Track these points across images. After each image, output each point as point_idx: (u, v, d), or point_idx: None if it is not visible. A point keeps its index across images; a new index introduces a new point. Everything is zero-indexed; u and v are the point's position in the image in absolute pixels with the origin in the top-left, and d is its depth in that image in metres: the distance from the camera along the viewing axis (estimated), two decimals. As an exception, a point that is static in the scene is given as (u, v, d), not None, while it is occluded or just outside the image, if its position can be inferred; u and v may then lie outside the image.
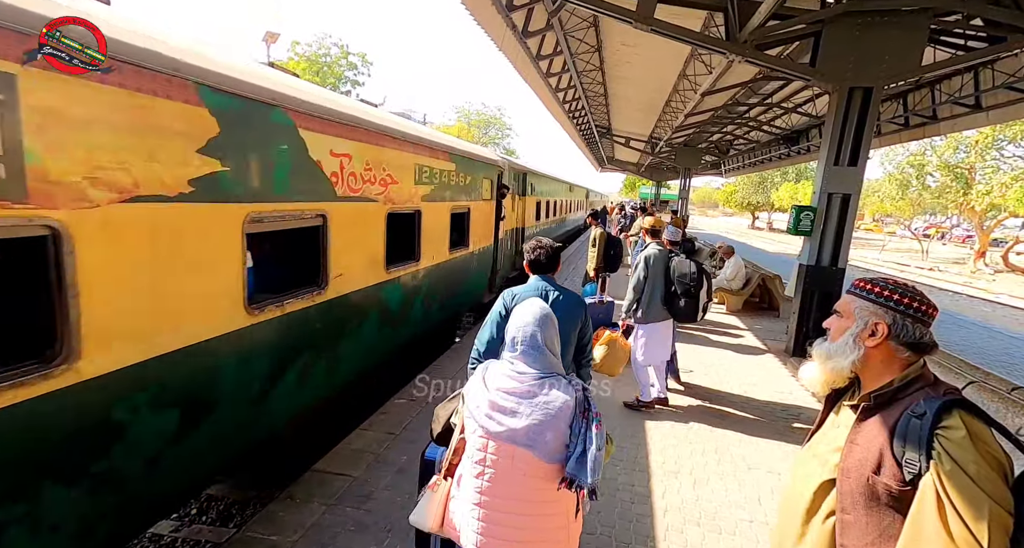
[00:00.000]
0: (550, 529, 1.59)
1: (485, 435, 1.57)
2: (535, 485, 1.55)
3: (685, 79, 11.28)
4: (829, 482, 1.28)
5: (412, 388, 5.00)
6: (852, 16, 5.73)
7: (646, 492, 3.48)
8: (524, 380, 1.58)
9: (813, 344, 1.41)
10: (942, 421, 1.10)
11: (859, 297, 1.32)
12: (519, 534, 1.55)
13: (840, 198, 6.31)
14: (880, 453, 1.16)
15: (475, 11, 6.57)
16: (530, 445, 1.51)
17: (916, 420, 1.13)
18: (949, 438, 1.07)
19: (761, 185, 50.47)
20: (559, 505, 1.58)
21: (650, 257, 4.55)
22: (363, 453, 3.69)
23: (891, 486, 1.13)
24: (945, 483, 1.04)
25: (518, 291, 2.56)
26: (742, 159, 22.47)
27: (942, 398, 1.14)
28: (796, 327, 6.68)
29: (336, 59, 30.92)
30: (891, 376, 1.25)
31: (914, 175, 28.75)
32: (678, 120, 13.79)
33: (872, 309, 1.28)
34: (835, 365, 1.30)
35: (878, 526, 1.15)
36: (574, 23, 9.27)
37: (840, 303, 1.38)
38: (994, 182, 24.83)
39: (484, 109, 48.39)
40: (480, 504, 1.57)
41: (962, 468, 1.04)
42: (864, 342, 1.27)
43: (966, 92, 9.58)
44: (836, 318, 1.37)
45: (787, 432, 4.50)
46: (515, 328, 1.68)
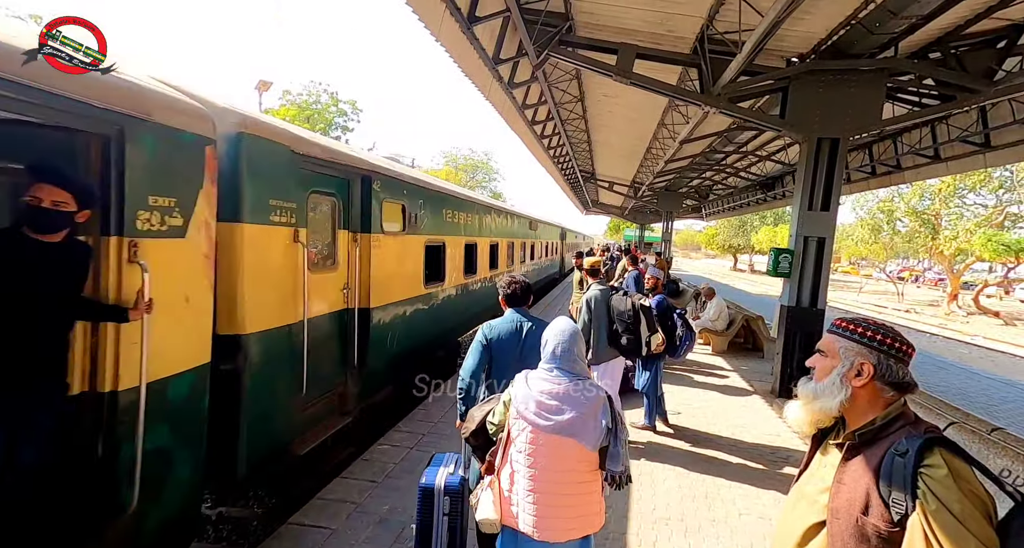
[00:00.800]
0: (590, 504, 1.96)
1: (535, 431, 1.90)
2: (579, 467, 1.92)
3: (664, 127, 11.85)
4: (819, 524, 1.27)
5: (395, 433, 4.86)
6: (815, 74, 6.18)
7: (637, 542, 3.36)
8: (562, 383, 1.95)
9: (798, 384, 1.42)
10: (924, 459, 1.11)
11: (842, 337, 1.33)
12: (569, 511, 1.91)
13: (816, 241, 6.55)
14: (867, 493, 1.17)
15: (462, 63, 6.93)
16: (574, 434, 1.88)
17: (899, 459, 1.14)
18: (932, 477, 1.09)
19: (741, 228, 52.07)
20: (596, 484, 1.97)
21: (591, 299, 4.62)
22: (343, 503, 3.52)
23: (880, 527, 1.13)
24: (932, 523, 1.05)
25: (495, 323, 2.84)
26: (721, 203, 23.28)
27: (923, 436, 1.16)
28: (781, 368, 6.72)
29: (326, 106, 31.84)
30: (874, 414, 1.27)
31: (885, 220, 30.08)
32: (659, 166, 14.36)
33: (856, 349, 1.29)
34: (823, 405, 1.31)
35: None
36: (558, 75, 9.79)
37: (823, 342, 1.39)
38: (959, 228, 26.07)
39: (472, 154, 49.81)
40: (533, 490, 1.90)
41: (947, 507, 1.05)
42: (851, 382, 1.28)
43: (925, 144, 10.23)
44: (820, 357, 1.38)
45: (777, 476, 4.44)
46: (553, 341, 2.02)
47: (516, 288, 2.87)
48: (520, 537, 1.93)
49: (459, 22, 5.70)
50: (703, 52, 6.39)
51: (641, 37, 6.78)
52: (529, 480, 1.90)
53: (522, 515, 1.91)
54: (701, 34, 6.29)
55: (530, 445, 1.91)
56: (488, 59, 6.77)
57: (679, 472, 4.39)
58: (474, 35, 6.08)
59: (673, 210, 22.62)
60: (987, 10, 5.14)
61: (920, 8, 4.75)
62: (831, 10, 5.23)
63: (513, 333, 2.81)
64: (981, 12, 5.21)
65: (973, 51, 5.88)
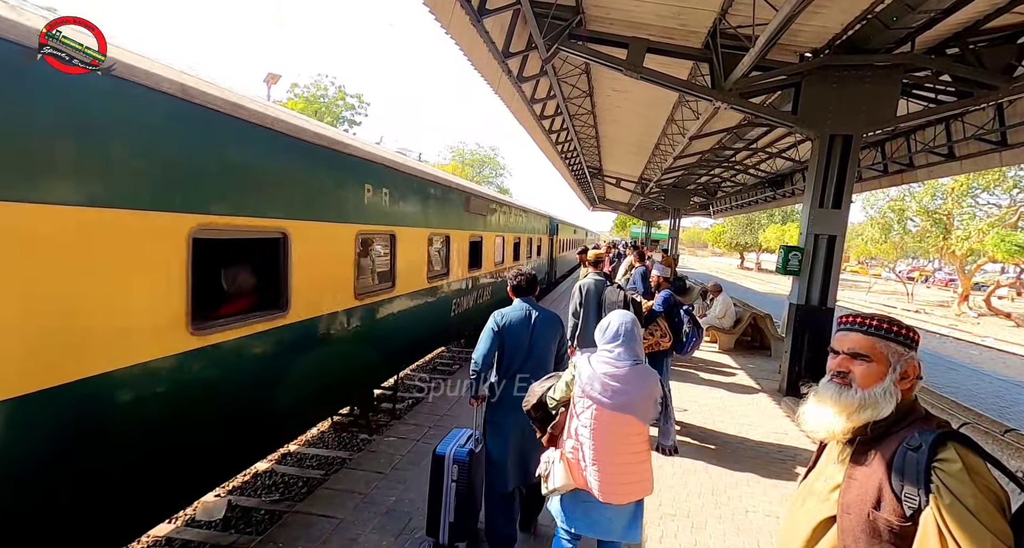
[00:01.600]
0: (644, 471, 2.22)
1: (599, 408, 2.15)
2: (636, 440, 2.20)
3: (673, 123, 11.74)
4: (829, 519, 1.25)
5: (400, 425, 4.88)
6: (829, 70, 6.09)
7: (645, 537, 3.36)
8: (622, 367, 2.18)
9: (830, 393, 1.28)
10: (938, 454, 1.10)
11: (888, 340, 1.25)
12: (627, 477, 2.17)
13: (826, 239, 6.48)
14: (879, 488, 1.15)
15: (472, 56, 6.89)
16: (633, 411, 2.16)
17: (912, 453, 1.12)
18: (946, 471, 1.07)
19: (749, 226, 51.66)
20: (648, 453, 2.23)
21: (584, 287, 4.76)
22: (350, 493, 3.55)
23: (892, 522, 1.11)
24: (946, 517, 1.03)
25: (506, 311, 3.02)
26: (730, 201, 23.10)
27: (936, 431, 1.14)
28: (789, 366, 6.67)
29: (333, 100, 31.87)
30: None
31: (895, 219, 29.72)
32: (667, 162, 14.25)
33: (900, 351, 1.24)
34: (872, 414, 1.21)
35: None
36: (567, 70, 9.72)
37: (864, 345, 1.27)
38: (971, 228, 25.71)
39: (479, 149, 49.71)
40: (596, 460, 2.14)
41: (961, 502, 1.03)
42: (898, 386, 1.23)
43: (939, 142, 10.06)
44: (862, 363, 1.26)
45: (783, 474, 4.42)
46: (616, 323, 2.27)
47: (522, 280, 3.14)
48: (585, 498, 2.19)
49: (469, 14, 5.67)
50: (715, 47, 6.31)
51: (652, 31, 6.71)
52: (592, 451, 2.15)
53: (589, 480, 2.17)
54: (713, 28, 6.21)
55: (594, 420, 2.16)
56: (498, 52, 6.73)
57: (685, 468, 4.38)
58: (484, 28, 6.04)
59: (680, 207, 22.47)
60: (1009, 3, 5.03)
61: (940, 2, 4.66)
62: (847, 4, 5.14)
63: (523, 320, 2.98)
64: (1002, 6, 5.10)
65: (992, 46, 5.76)
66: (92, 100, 2.11)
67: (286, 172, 3.38)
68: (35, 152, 1.94)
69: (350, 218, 4.20)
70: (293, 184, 3.45)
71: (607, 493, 2.13)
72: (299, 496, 4.52)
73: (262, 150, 3.14)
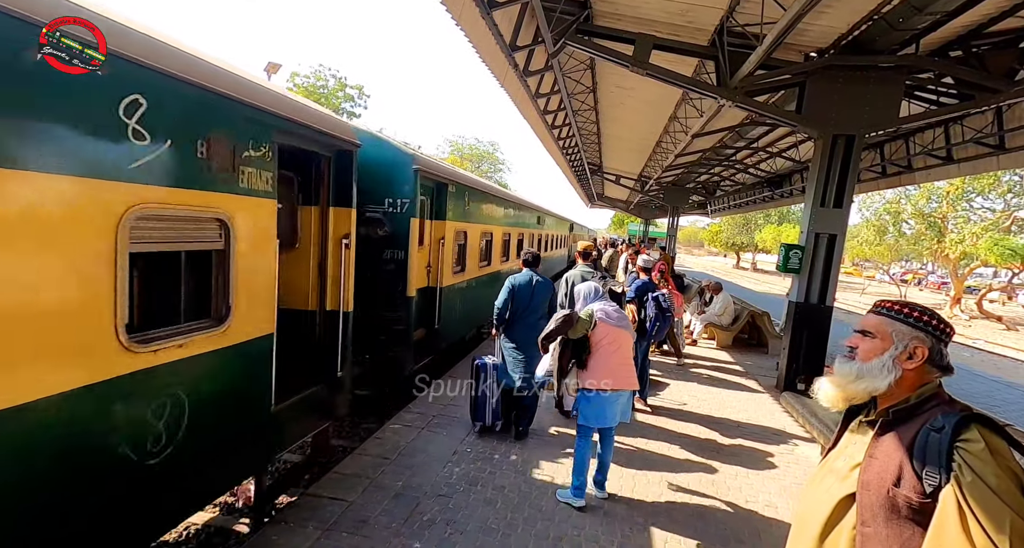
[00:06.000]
0: (633, 370, 3.61)
1: (609, 327, 3.51)
2: (628, 347, 3.64)
3: (676, 121, 11.79)
4: (848, 497, 1.28)
5: (405, 413, 4.92)
6: (834, 69, 6.14)
7: (645, 523, 3.42)
8: (612, 306, 3.70)
9: (836, 362, 1.41)
10: (961, 434, 1.12)
11: (895, 320, 1.33)
12: (628, 370, 3.54)
13: (826, 238, 6.55)
14: (900, 466, 1.18)
15: (480, 48, 6.89)
16: (627, 328, 3.67)
17: (935, 434, 1.15)
18: (969, 451, 1.10)
19: (745, 226, 51.85)
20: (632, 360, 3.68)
21: (571, 278, 4.99)
22: (357, 478, 3.59)
23: (912, 498, 1.14)
24: (967, 495, 1.06)
25: (517, 276, 4.57)
26: (728, 200, 23.19)
27: (959, 413, 1.18)
28: (787, 363, 6.76)
29: (333, 91, 31.69)
30: (908, 394, 1.28)
31: (890, 222, 29.93)
32: (668, 160, 14.30)
33: (912, 333, 1.30)
34: (869, 385, 1.31)
35: (899, 538, 1.16)
36: (572, 65, 9.72)
37: (871, 324, 1.37)
38: (966, 231, 25.94)
39: (477, 144, 49.56)
40: (612, 361, 3.47)
41: (983, 480, 1.05)
42: (901, 364, 1.29)
43: (938, 145, 10.16)
44: (866, 338, 1.36)
45: (781, 467, 4.50)
46: (592, 288, 3.75)
47: (529, 256, 4.70)
48: (600, 393, 3.43)
49: (479, 6, 5.67)
50: (721, 45, 6.35)
51: (659, 28, 6.73)
52: (612, 355, 3.47)
53: (603, 380, 3.42)
54: (720, 26, 6.25)
55: (609, 337, 3.49)
56: (505, 45, 6.73)
57: (686, 460, 4.46)
58: (493, 21, 6.04)
59: (679, 205, 22.53)
60: (1013, 7, 5.09)
61: (946, 4, 4.71)
62: (855, 4, 5.19)
63: (527, 282, 4.55)
64: (1007, 9, 5.16)
65: (995, 50, 5.83)
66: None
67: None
68: None
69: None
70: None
71: (619, 382, 3.43)
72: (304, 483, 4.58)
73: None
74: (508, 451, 4.28)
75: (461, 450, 4.22)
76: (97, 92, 1.97)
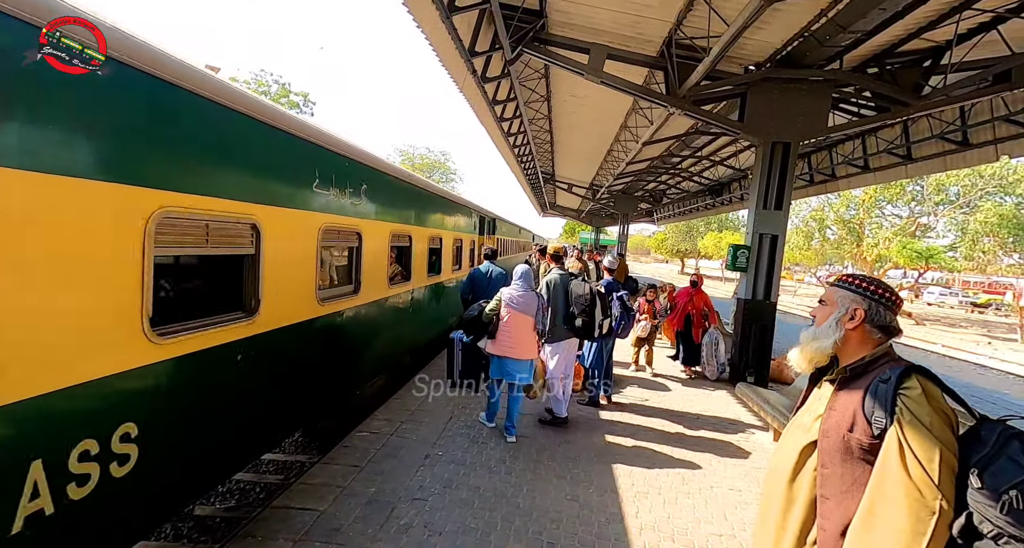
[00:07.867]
0: (532, 343, 4.50)
1: (513, 311, 4.35)
2: (529, 326, 4.42)
3: (627, 130, 12.29)
4: (811, 444, 1.46)
5: (372, 420, 4.77)
6: (770, 82, 6.66)
7: (619, 513, 3.49)
8: (523, 291, 4.41)
9: (803, 330, 1.60)
10: (903, 383, 1.31)
11: (840, 288, 1.54)
12: (528, 345, 4.44)
13: (769, 238, 7.03)
14: (854, 414, 1.36)
15: (441, 53, 6.92)
16: (529, 313, 4.40)
17: (883, 385, 1.34)
18: (909, 396, 1.28)
19: (688, 234, 54.54)
20: (534, 335, 4.49)
21: (550, 282, 4.93)
22: (327, 487, 3.43)
23: (863, 440, 1.32)
24: (905, 433, 1.24)
25: (480, 267, 5.94)
26: (673, 207, 24.35)
27: (903, 366, 1.36)
28: (737, 356, 7.14)
29: (276, 97, 30.51)
30: (863, 354, 1.47)
31: (816, 228, 32.49)
32: (619, 167, 14.85)
33: (852, 297, 1.50)
34: (819, 345, 1.51)
35: (852, 475, 1.34)
36: (527, 73, 9.94)
37: (825, 294, 1.59)
38: (880, 236, 28.62)
39: (428, 153, 49.18)
40: (511, 336, 4.37)
41: (919, 419, 1.24)
42: (844, 325, 1.49)
43: (857, 155, 11.22)
44: (821, 306, 1.58)
45: (739, 453, 4.74)
46: (522, 271, 4.52)
47: (488, 251, 5.91)
48: (505, 360, 4.42)
49: (439, 10, 5.70)
50: (670, 56, 6.72)
51: (611, 38, 7.03)
52: (511, 332, 4.36)
53: (507, 350, 4.38)
54: (669, 38, 6.62)
55: (512, 317, 4.36)
56: (464, 50, 6.79)
57: (652, 452, 4.60)
58: (452, 25, 6.09)
59: (629, 213, 23.39)
60: (918, 30, 5.75)
61: (865, 24, 5.24)
62: (789, 21, 5.67)
63: (486, 273, 5.90)
64: (913, 31, 5.81)
65: (904, 68, 6.54)
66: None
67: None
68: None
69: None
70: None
71: (517, 352, 4.38)
72: (257, 502, 4.31)
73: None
74: (481, 452, 4.24)
75: (433, 453, 4.13)
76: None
